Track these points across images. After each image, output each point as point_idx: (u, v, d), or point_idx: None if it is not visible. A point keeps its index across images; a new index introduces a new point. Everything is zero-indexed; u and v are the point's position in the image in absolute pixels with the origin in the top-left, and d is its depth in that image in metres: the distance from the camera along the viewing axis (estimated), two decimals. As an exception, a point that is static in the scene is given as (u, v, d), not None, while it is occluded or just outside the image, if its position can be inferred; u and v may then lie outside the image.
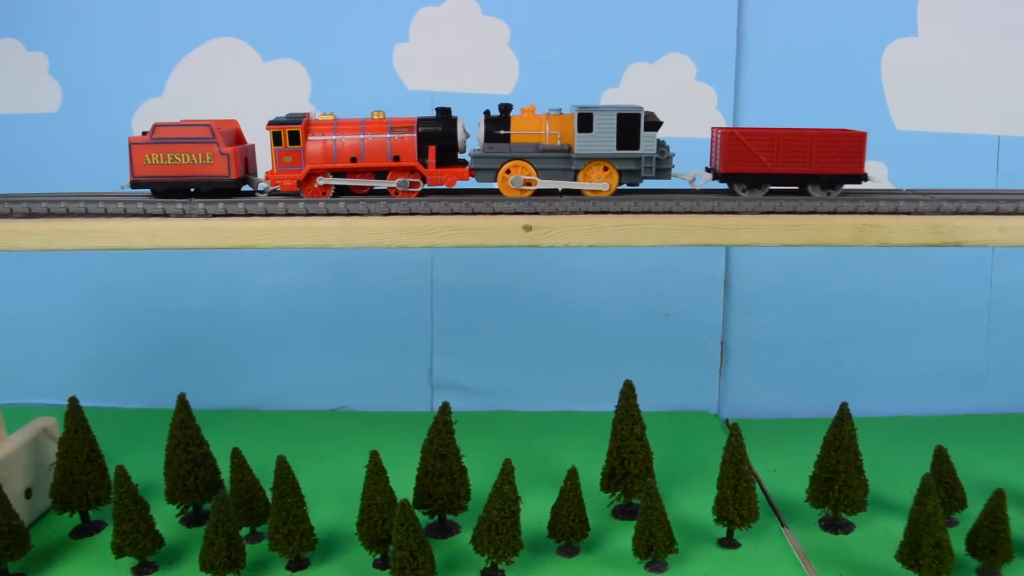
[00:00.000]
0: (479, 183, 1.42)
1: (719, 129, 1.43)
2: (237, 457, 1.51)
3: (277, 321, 2.14)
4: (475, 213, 1.36)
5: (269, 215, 1.37)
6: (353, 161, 1.40)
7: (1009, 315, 2.12)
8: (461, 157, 1.46)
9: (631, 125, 1.37)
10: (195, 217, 1.36)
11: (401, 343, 2.15)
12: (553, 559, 1.48)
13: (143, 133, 1.40)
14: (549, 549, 1.50)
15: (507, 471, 1.37)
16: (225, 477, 1.58)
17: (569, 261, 2.10)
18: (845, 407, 1.53)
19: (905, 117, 2.03)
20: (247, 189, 1.46)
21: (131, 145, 1.39)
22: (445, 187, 1.43)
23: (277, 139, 1.38)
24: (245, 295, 2.13)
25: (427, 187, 1.43)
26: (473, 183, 1.43)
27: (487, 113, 1.42)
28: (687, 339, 2.13)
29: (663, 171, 1.40)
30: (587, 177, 1.39)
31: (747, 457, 1.47)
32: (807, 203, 1.36)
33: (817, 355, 2.14)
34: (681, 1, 1.97)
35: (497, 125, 1.41)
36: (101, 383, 2.14)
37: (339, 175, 1.40)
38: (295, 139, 1.38)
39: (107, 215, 1.38)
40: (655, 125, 1.38)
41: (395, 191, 1.40)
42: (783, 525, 1.59)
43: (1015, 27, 1.99)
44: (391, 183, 1.40)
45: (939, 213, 1.36)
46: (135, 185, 1.40)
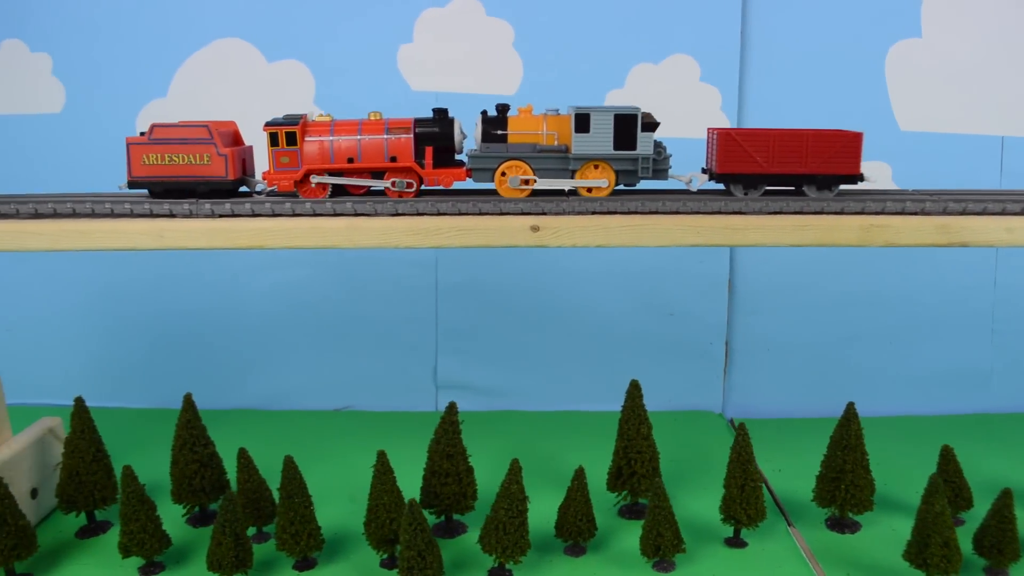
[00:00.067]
0: (476, 183, 1.41)
1: (715, 130, 1.43)
2: (244, 457, 1.51)
3: (282, 321, 2.14)
4: (482, 214, 1.36)
5: (276, 215, 1.36)
6: (350, 162, 1.39)
7: (1013, 315, 2.12)
8: (458, 158, 1.46)
9: (628, 126, 1.37)
10: (202, 218, 1.36)
11: (406, 343, 2.16)
12: (560, 559, 1.48)
13: (141, 134, 1.39)
14: (556, 549, 1.50)
15: (515, 471, 1.38)
16: (230, 477, 1.58)
17: (573, 261, 2.10)
18: (852, 407, 1.53)
19: (909, 118, 2.03)
20: (244, 190, 1.46)
21: (129, 145, 1.39)
22: (451, 188, 1.43)
23: (274, 140, 1.38)
24: (250, 295, 2.13)
25: (425, 188, 1.42)
26: (475, 184, 1.43)
27: (484, 114, 1.42)
28: (691, 339, 2.14)
29: (660, 172, 1.40)
30: (584, 177, 1.39)
31: (754, 457, 1.48)
32: (814, 203, 1.36)
33: (821, 355, 2.14)
34: (685, 2, 1.97)
35: (494, 125, 1.40)
36: (107, 383, 2.14)
37: (336, 176, 1.40)
38: (292, 140, 1.38)
39: (113, 215, 1.38)
40: (652, 126, 1.38)
41: (392, 191, 1.39)
42: (790, 525, 1.59)
43: (1018, 28, 1.99)
44: (386, 183, 1.39)
45: (946, 213, 1.36)
46: (132, 185, 1.40)
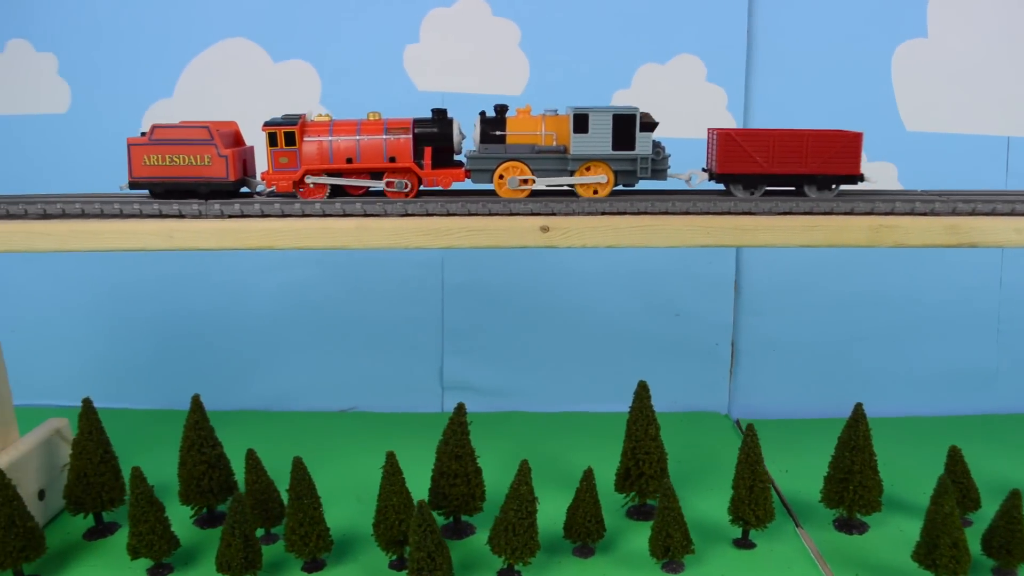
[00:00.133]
0: (475, 184, 1.41)
1: (715, 130, 1.43)
2: (252, 458, 1.50)
3: (288, 322, 2.14)
4: (492, 214, 1.35)
5: (286, 216, 1.36)
6: (349, 162, 1.39)
7: (1019, 315, 2.12)
8: (457, 158, 1.46)
9: (626, 126, 1.36)
10: (212, 218, 1.36)
11: (412, 344, 2.15)
12: (569, 560, 1.48)
13: (142, 134, 1.39)
14: (564, 550, 1.50)
15: (524, 472, 1.37)
16: (238, 478, 1.58)
17: (578, 262, 2.10)
18: (860, 407, 1.53)
19: (915, 118, 2.03)
20: (245, 191, 1.45)
21: (130, 146, 1.38)
22: (451, 189, 1.42)
23: (273, 140, 1.37)
24: (256, 296, 2.13)
25: (424, 188, 1.42)
26: (474, 185, 1.42)
27: (482, 114, 1.41)
28: (698, 339, 2.14)
29: (659, 172, 1.40)
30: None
31: (762, 458, 1.47)
32: (824, 204, 1.36)
33: (827, 355, 2.14)
34: (692, 2, 1.97)
35: (493, 126, 1.40)
36: (114, 384, 2.14)
37: (335, 176, 1.40)
38: (291, 140, 1.37)
39: (123, 216, 1.37)
40: (651, 126, 1.37)
41: (390, 192, 1.39)
42: (798, 526, 1.59)
43: (1024, 28, 2.00)
44: (384, 183, 1.39)
45: (955, 214, 1.36)
46: (134, 186, 1.40)
